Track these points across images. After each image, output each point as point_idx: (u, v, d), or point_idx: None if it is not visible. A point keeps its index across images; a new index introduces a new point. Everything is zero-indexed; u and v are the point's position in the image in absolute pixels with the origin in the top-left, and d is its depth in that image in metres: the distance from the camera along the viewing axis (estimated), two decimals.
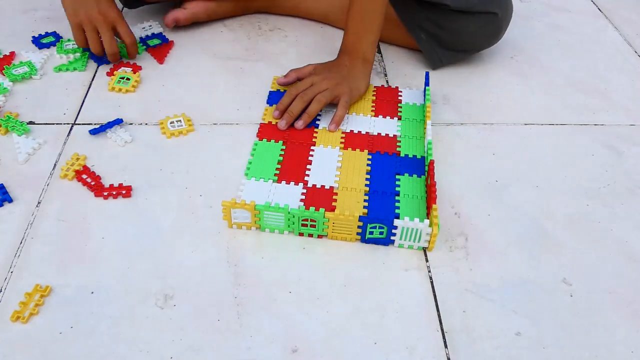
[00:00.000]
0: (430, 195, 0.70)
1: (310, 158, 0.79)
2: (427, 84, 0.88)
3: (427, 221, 0.67)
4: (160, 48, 1.00)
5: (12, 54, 0.97)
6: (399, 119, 0.86)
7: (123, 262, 0.67)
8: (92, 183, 0.76)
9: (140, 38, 1.02)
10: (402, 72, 0.98)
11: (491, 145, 0.85)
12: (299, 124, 0.82)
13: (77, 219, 0.71)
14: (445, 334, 0.61)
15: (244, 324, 0.61)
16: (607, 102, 0.95)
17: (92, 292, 0.64)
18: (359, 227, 0.68)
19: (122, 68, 0.95)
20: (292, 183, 0.75)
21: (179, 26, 1.04)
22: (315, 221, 0.68)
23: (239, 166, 0.79)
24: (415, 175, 0.77)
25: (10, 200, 0.73)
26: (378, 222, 0.67)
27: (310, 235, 0.70)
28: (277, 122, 0.83)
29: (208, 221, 0.71)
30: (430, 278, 0.67)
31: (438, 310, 0.64)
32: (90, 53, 0.97)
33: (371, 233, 0.68)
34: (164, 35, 1.03)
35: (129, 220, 0.72)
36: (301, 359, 0.59)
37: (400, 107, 0.88)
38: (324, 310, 0.63)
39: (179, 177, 0.77)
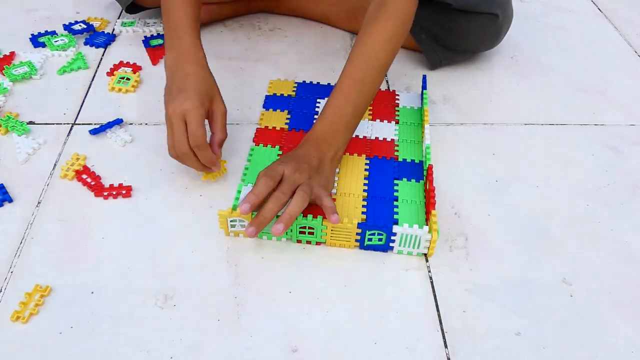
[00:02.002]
0: (429, 201, 0.70)
1: None
2: (424, 87, 0.88)
3: (426, 227, 0.66)
4: (159, 49, 1.00)
5: (12, 54, 0.97)
6: (397, 122, 0.86)
7: (123, 262, 0.67)
8: (92, 183, 0.76)
9: (145, 37, 1.03)
10: (402, 72, 0.98)
11: (491, 145, 0.85)
12: (279, 229, 0.63)
13: (77, 219, 0.71)
14: (445, 334, 0.61)
15: (244, 324, 0.61)
16: (607, 102, 0.95)
17: (92, 292, 0.64)
18: (357, 234, 0.67)
19: (122, 68, 0.95)
20: None
21: None
22: (313, 228, 0.67)
23: (239, 166, 0.79)
24: (413, 180, 0.76)
25: (10, 200, 0.73)
26: (377, 229, 0.66)
27: (309, 243, 0.69)
28: (246, 228, 0.65)
29: (208, 221, 0.71)
30: (430, 278, 0.67)
31: (438, 310, 0.63)
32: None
33: (370, 240, 0.68)
34: None
35: (129, 220, 0.72)
36: (301, 359, 0.59)
37: (398, 110, 0.88)
38: (324, 310, 0.63)
39: (179, 177, 0.77)
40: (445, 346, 0.60)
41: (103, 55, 0.99)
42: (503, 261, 0.69)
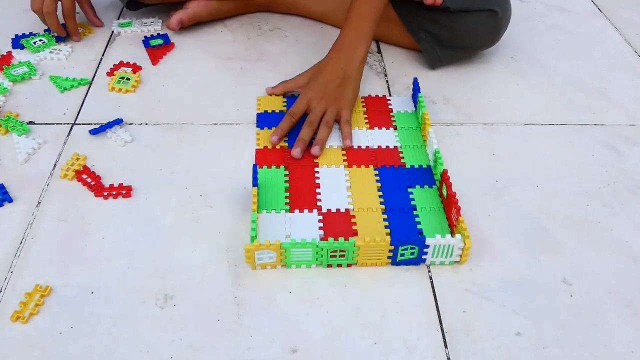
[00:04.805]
0: (450, 207, 0.69)
1: (317, 181, 0.76)
2: (417, 89, 0.87)
3: (458, 236, 0.65)
4: (159, 49, 1.00)
5: (9, 53, 0.97)
6: (395, 128, 0.85)
7: (123, 262, 0.67)
8: (92, 183, 0.76)
9: (145, 37, 1.03)
10: (402, 72, 0.98)
11: (491, 145, 0.85)
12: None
13: (77, 219, 0.71)
14: (445, 334, 0.61)
15: (244, 324, 0.61)
16: (607, 102, 0.95)
17: (92, 292, 0.64)
18: (390, 250, 0.66)
19: (122, 68, 0.95)
20: (305, 211, 0.71)
21: (182, 27, 1.04)
22: (344, 251, 0.65)
23: (239, 166, 0.79)
24: (426, 186, 0.75)
25: (10, 200, 0.73)
26: (410, 243, 0.65)
27: (340, 266, 0.67)
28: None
29: (208, 221, 0.71)
30: (430, 278, 0.67)
31: (438, 310, 0.63)
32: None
33: (402, 255, 0.66)
34: (167, 36, 1.03)
35: (129, 220, 0.72)
36: (301, 359, 0.59)
37: (393, 116, 0.87)
38: (324, 310, 0.63)
39: (179, 177, 0.77)
40: (445, 346, 0.60)
41: (103, 55, 0.99)
42: (503, 261, 0.69)
